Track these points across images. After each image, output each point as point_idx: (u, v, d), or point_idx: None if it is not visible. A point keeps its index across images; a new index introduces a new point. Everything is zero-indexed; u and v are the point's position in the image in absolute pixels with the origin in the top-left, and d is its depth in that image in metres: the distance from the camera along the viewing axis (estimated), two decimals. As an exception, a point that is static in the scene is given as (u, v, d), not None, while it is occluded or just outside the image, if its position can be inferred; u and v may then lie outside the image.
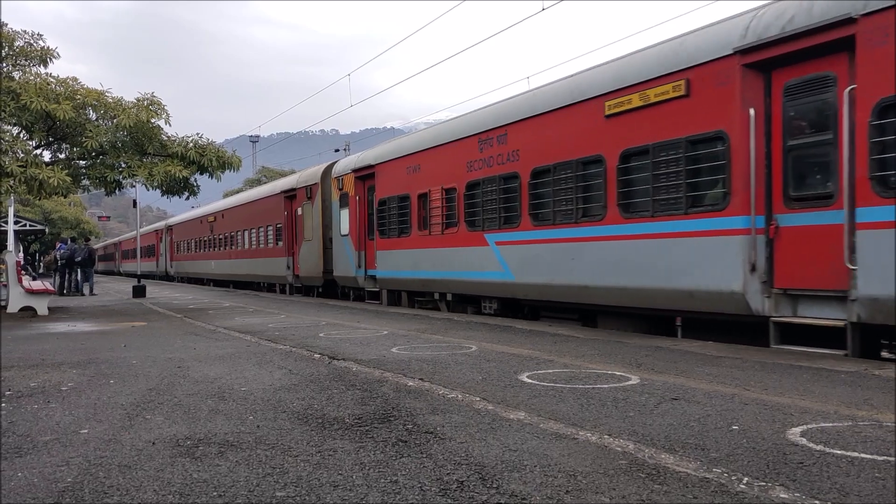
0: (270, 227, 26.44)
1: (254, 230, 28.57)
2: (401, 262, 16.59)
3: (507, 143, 12.76)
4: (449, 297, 15.27)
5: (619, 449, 4.17)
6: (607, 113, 10.44)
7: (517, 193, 12.43)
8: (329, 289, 22.01)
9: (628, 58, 10.55)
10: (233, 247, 31.80)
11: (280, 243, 25.30)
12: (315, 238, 21.77)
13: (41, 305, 16.97)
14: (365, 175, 18.63)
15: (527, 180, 12.16)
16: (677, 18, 19.58)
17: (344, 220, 19.75)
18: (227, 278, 33.52)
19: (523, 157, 12.30)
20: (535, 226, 12.01)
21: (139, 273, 30.11)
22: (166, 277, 48.28)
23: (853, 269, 7.37)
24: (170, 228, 47.27)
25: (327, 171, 21.49)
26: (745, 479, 3.57)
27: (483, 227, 13.39)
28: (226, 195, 51.70)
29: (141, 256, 55.20)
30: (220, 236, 33.88)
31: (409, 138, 17.35)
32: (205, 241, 37.14)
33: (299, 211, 23.14)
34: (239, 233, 30.75)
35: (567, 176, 11.27)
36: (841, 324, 7.62)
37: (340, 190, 19.97)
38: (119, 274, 69.86)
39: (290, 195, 24.23)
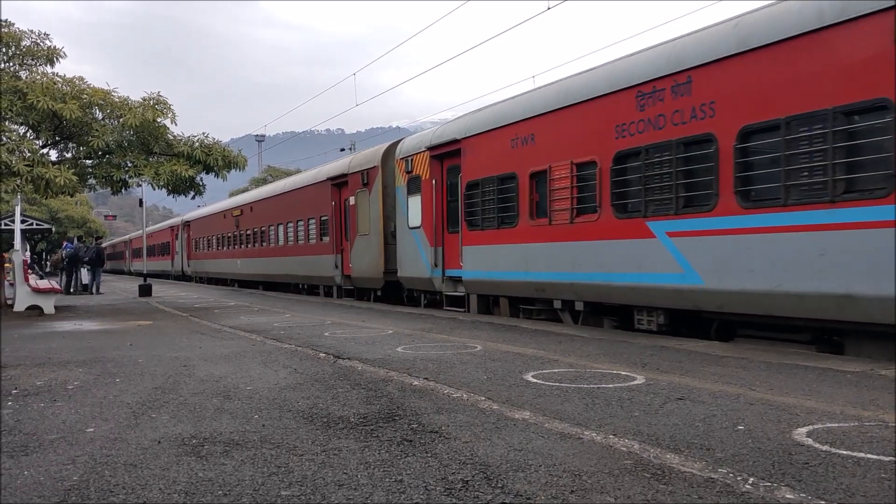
0: (313, 221, 23.08)
1: (291, 224, 25.25)
2: (500, 260, 13.08)
3: (690, 95, 9.36)
4: (579, 305, 11.55)
5: (624, 449, 4.17)
6: None
7: (711, 164, 8.97)
8: (390, 292, 18.55)
9: None
10: (264, 243, 28.35)
11: (325, 239, 22.07)
12: (373, 232, 18.52)
13: (48, 304, 17.03)
14: (445, 153, 15.12)
15: (730, 143, 8.69)
16: (681, 18, 19.52)
17: (414, 210, 16.23)
18: (256, 279, 30.10)
19: (722, 112, 8.88)
20: (745, 209, 8.56)
21: (144, 272, 30.12)
22: (182, 277, 45.17)
23: None
24: (187, 224, 43.43)
25: (390, 151, 18.19)
26: (751, 479, 3.56)
27: (646, 212, 9.95)
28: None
29: (154, 255, 52.84)
30: (248, 232, 30.44)
31: (514, 102, 13.27)
32: (228, 237, 33.58)
33: (351, 200, 19.83)
34: (272, 227, 27.33)
35: (814, 133, 7.77)
36: None
37: (409, 173, 16.43)
38: (129, 273, 65.70)
39: (339, 182, 21.03)
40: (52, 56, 17.05)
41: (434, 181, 15.43)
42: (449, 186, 15.18)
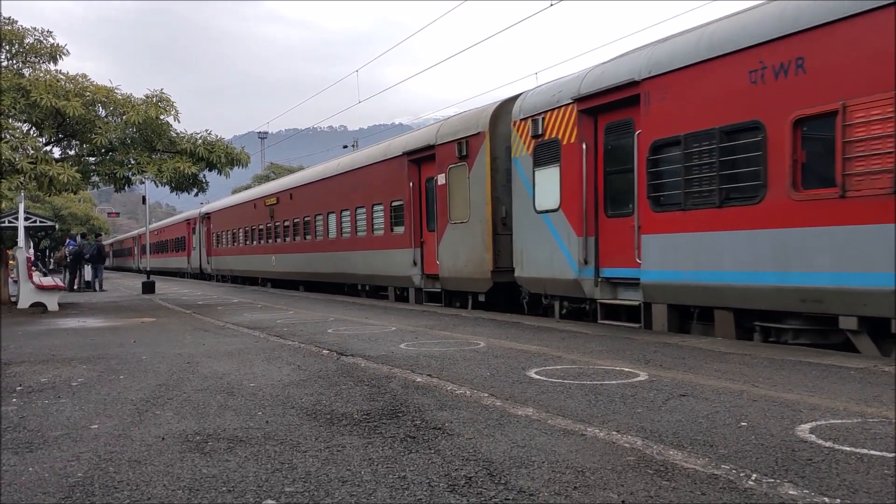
0: (380, 207, 18.60)
1: (347, 212, 20.79)
2: (724, 254, 9.06)
3: None
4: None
5: (627, 445, 4.17)
6: None
7: None
8: (499, 297, 14.14)
9: None
10: (308, 236, 24.04)
11: (398, 229, 17.68)
12: (475, 218, 14.25)
13: (51, 301, 17.07)
14: (604, 105, 11.03)
15: None
16: (684, 14, 19.47)
17: (546, 187, 12.08)
18: (297, 277, 25.27)
19: None
20: None
21: (147, 269, 30.13)
22: (201, 275, 40.59)
23: None
24: (206, 217, 38.70)
25: (501, 111, 13.94)
26: (754, 475, 3.56)
27: None
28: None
29: (167, 251, 49.74)
30: (287, 223, 26.08)
31: (752, 17, 8.98)
32: (260, 230, 29.23)
33: (440, 179, 15.50)
34: (319, 217, 22.96)
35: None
36: None
37: (537, 137, 12.26)
38: (138, 271, 59.18)
39: (420, 157, 16.63)
40: (55, 53, 17.09)
41: (584, 145, 11.24)
42: (607, 152, 11.14)
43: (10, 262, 19.91)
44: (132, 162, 16.96)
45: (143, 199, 31.73)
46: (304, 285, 25.50)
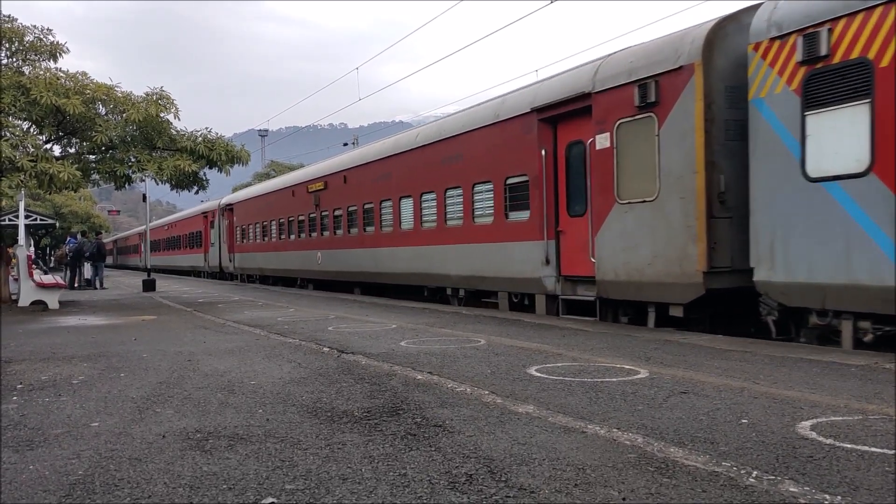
0: (486, 187, 14.05)
1: (432, 196, 16.10)
2: None
3: None
4: None
5: (627, 442, 4.17)
6: None
7: None
8: (704, 309, 9.90)
9: None
10: (370, 227, 19.39)
11: (519, 215, 13.07)
12: (672, 194, 9.96)
13: (52, 299, 17.08)
14: None
15: None
16: (684, 12, 19.47)
17: (838, 139, 8.08)
18: (354, 278, 20.75)
19: None
20: None
21: (148, 267, 30.08)
22: (220, 275, 35.82)
23: None
24: (228, 209, 34.01)
25: (723, 32, 9.67)
26: (755, 472, 3.56)
27: None
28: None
29: (180, 247, 45.22)
30: (339, 212, 21.57)
31: None
32: (300, 221, 24.75)
33: (600, 141, 11.06)
34: (387, 203, 18.32)
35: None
36: None
37: (816, 62, 8.21)
38: (146, 270, 60.55)
39: (558, 114, 12.09)
40: (55, 51, 17.07)
41: None
42: None
43: (13, 259, 19.91)
44: (132, 160, 16.95)
45: (144, 196, 31.73)
46: (360, 287, 20.94)
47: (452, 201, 15.41)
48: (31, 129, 16.54)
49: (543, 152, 12.30)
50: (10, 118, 15.57)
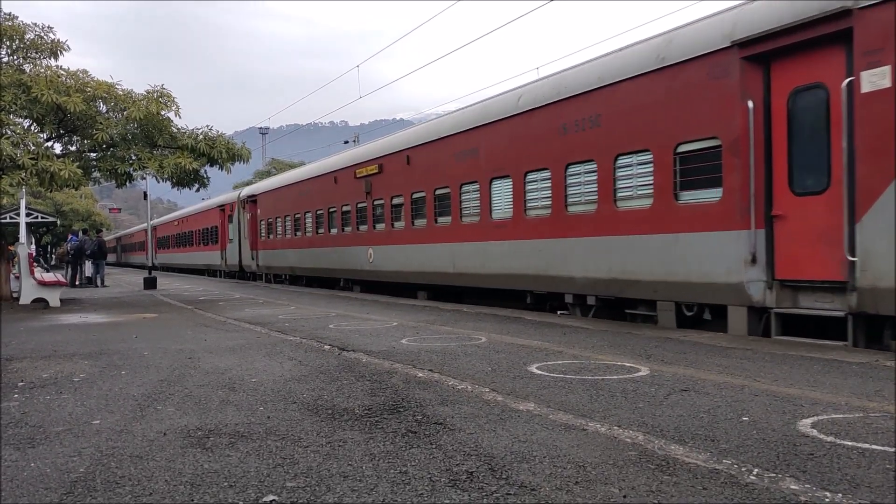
0: (639, 158, 10.58)
1: (544, 175, 12.57)
2: None
3: None
4: None
5: (628, 440, 4.17)
6: None
7: None
8: None
9: None
10: (443, 217, 15.72)
11: (701, 195, 9.65)
12: None
13: (53, 297, 17.09)
14: None
15: None
16: (685, 9, 19.42)
17: None
18: (419, 279, 16.94)
19: None
20: None
21: (150, 265, 30.06)
22: (241, 274, 32.42)
23: None
24: (250, 200, 30.21)
25: None
26: (756, 470, 3.56)
27: None
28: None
29: (192, 244, 41.71)
30: (399, 199, 17.83)
31: None
32: (345, 212, 21.15)
33: (875, 80, 7.64)
34: (470, 187, 14.71)
35: None
36: None
37: None
38: (154, 268, 55.75)
39: (783, 46, 8.54)
40: (55, 49, 17.06)
41: None
42: None
43: (15, 258, 19.94)
44: (133, 158, 16.95)
45: (145, 194, 31.77)
46: (428, 291, 17.24)
47: (578, 180, 11.72)
48: (32, 127, 16.54)
49: (751, 104, 8.74)
50: (11, 116, 15.58)
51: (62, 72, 16.14)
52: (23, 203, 21.92)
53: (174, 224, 47.76)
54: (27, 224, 24.48)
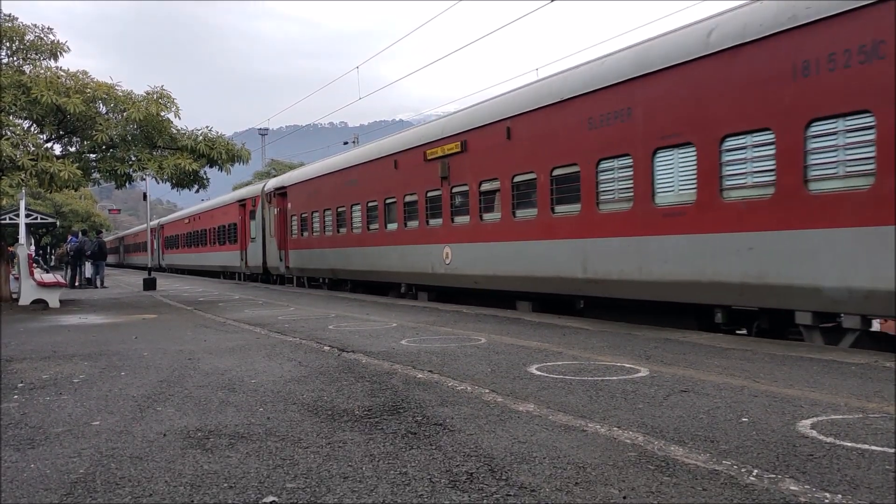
0: None
1: (755, 137, 8.75)
2: None
3: None
4: None
5: (628, 441, 4.17)
6: None
7: None
8: None
9: None
10: (565, 206, 12.04)
11: None
12: None
13: (53, 298, 17.08)
14: None
15: None
16: (686, 10, 19.46)
17: None
18: (528, 287, 13.13)
19: None
20: None
21: (149, 266, 30.02)
22: (264, 277, 28.91)
23: None
24: (278, 193, 26.43)
25: None
26: (755, 471, 3.56)
27: None
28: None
29: (206, 244, 37.89)
30: (491, 185, 14.09)
31: None
32: (410, 203, 17.24)
33: None
34: (609, 164, 11.07)
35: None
36: None
37: None
38: (161, 270, 49.21)
39: None
40: (55, 50, 17.06)
41: None
42: None
43: (15, 259, 19.94)
44: (133, 159, 16.95)
45: (144, 195, 31.77)
46: (535, 301, 13.41)
47: (832, 143, 7.90)
48: (32, 128, 16.55)
49: None
50: (11, 117, 15.59)
51: (62, 73, 16.15)
52: (22, 204, 21.93)
53: (184, 222, 43.82)
54: (27, 225, 24.49)
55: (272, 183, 27.98)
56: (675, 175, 10.00)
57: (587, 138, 11.36)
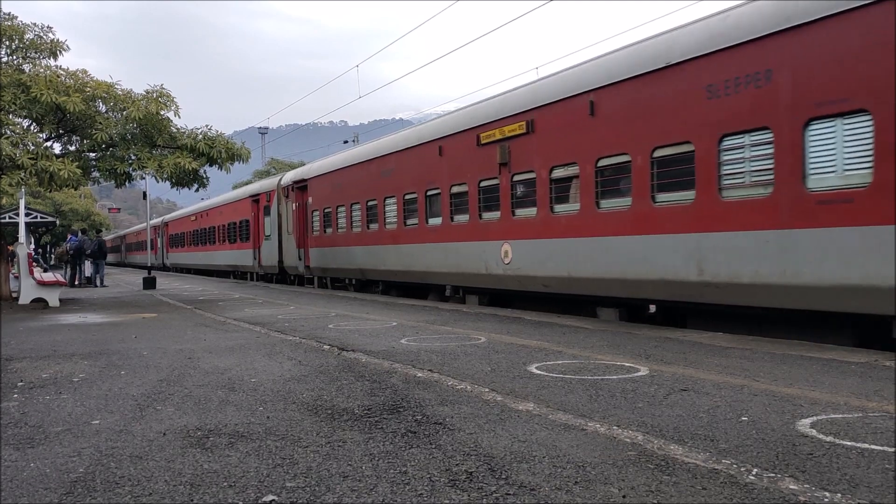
0: None
1: None
2: None
3: None
4: None
5: (628, 440, 4.17)
6: None
7: None
8: None
9: None
10: (675, 193, 9.85)
11: None
12: None
13: (52, 297, 17.08)
14: None
15: None
16: (686, 9, 19.42)
17: None
18: (616, 291, 10.89)
19: None
20: None
21: (149, 265, 30.00)
22: (280, 277, 27.18)
23: None
24: (299, 186, 24.21)
25: None
26: (755, 470, 3.56)
27: None
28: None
29: (214, 241, 35.76)
30: (561, 171, 12.07)
31: None
32: (457, 194, 15.19)
33: None
34: (736, 140, 8.99)
35: None
36: None
37: None
38: (165, 269, 48.43)
39: None
40: (55, 49, 17.07)
41: None
42: None
43: (14, 258, 19.94)
44: (133, 157, 16.96)
45: (144, 194, 31.76)
46: (623, 308, 11.30)
47: None
48: (32, 127, 16.55)
49: None
50: (11, 116, 15.58)
51: (61, 72, 16.15)
52: (22, 203, 21.92)
53: (191, 219, 41.46)
54: (26, 224, 24.50)
55: (290, 176, 26.10)
56: (839, 152, 7.88)
57: (705, 109, 9.35)
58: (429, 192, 16.21)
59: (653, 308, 10.74)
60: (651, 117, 10.19)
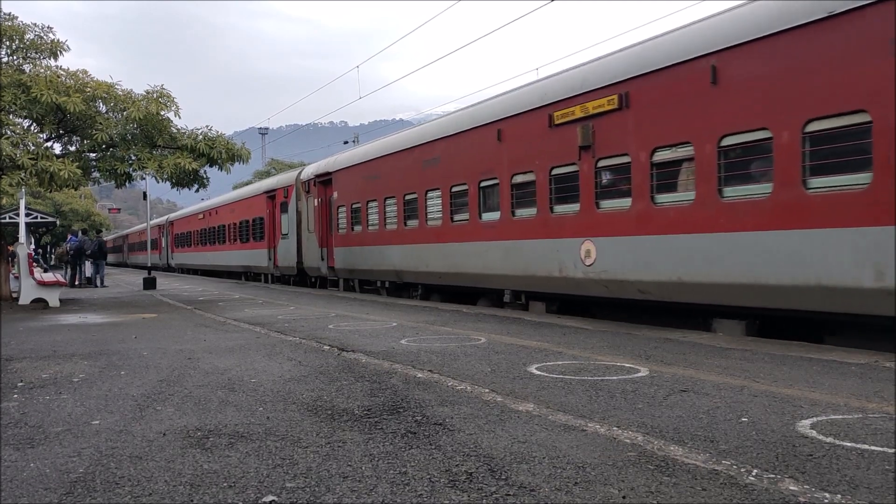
0: None
1: None
2: None
3: None
4: None
5: (627, 441, 4.17)
6: None
7: None
8: None
9: None
10: (816, 178, 7.83)
11: None
12: None
13: (53, 297, 17.09)
14: None
15: None
16: (686, 10, 19.46)
17: None
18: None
19: None
20: None
21: (149, 265, 29.98)
22: (298, 279, 25.32)
23: None
24: (322, 181, 22.22)
25: None
26: (755, 471, 3.56)
27: None
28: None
29: (224, 240, 33.78)
30: (669, 152, 9.86)
31: None
32: (519, 185, 13.13)
33: None
34: None
35: None
36: None
37: None
38: (170, 270, 46.15)
39: None
40: (55, 49, 17.07)
41: None
42: None
43: (15, 258, 19.94)
44: (133, 158, 16.96)
45: (144, 194, 31.79)
46: (758, 320, 9.29)
47: None
48: (32, 127, 16.55)
49: None
50: (11, 116, 15.59)
51: (62, 72, 16.16)
52: (22, 203, 21.95)
53: (198, 218, 39.28)
54: (27, 224, 24.51)
55: (311, 169, 23.68)
56: None
57: (879, 69, 7.20)
58: (483, 184, 14.12)
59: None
60: (800, 82, 8.01)
